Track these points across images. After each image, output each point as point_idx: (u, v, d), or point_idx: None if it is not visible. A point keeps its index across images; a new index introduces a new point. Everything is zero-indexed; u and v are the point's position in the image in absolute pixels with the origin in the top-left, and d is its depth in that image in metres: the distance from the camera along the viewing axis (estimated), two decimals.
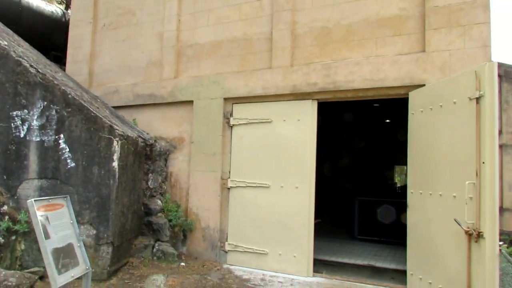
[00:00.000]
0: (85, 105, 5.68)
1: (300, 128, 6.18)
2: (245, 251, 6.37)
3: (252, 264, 6.29)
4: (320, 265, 6.45)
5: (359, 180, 14.75)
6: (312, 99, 6.21)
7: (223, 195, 6.68)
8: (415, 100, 5.26)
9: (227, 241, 6.57)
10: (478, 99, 4.05)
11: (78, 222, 5.38)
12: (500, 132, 11.07)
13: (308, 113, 6.17)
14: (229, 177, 6.67)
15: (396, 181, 23.98)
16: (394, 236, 7.66)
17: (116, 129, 5.63)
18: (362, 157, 17.36)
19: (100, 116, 5.67)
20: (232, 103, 6.84)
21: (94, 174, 5.53)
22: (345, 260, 6.57)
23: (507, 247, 8.48)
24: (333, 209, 11.22)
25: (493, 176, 3.86)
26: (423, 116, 5.02)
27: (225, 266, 6.37)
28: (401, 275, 5.82)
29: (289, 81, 6.29)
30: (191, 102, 7.12)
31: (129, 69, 7.99)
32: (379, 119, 15.25)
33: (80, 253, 3.41)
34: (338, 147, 14.12)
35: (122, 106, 7.78)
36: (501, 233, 11.16)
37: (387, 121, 15.65)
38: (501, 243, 3.92)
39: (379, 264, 6.34)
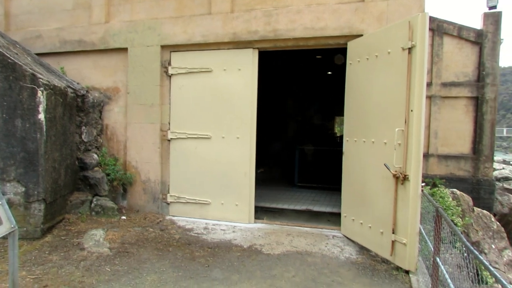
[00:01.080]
0: (0, 50, 5.07)
1: (241, 78, 6.06)
2: (187, 202, 6.38)
3: (195, 214, 6.35)
4: (261, 212, 6.68)
5: (301, 130, 15.17)
6: (253, 48, 6.06)
7: (163, 147, 6.52)
8: (353, 50, 5.33)
9: (169, 193, 6.52)
10: (410, 49, 4.18)
11: (3, 179, 5.00)
12: (430, 83, 11.75)
13: (249, 62, 6.05)
14: (169, 129, 6.49)
15: (336, 131, 25.06)
16: (332, 182, 8.08)
17: (40, 78, 5.13)
18: (304, 108, 17.76)
19: (20, 63, 5.11)
20: (170, 51, 6.49)
21: (18, 127, 5.08)
22: (285, 206, 6.86)
23: (430, 189, 9.37)
24: (276, 158, 11.51)
25: (419, 123, 4.10)
26: (360, 66, 5.12)
27: (167, 217, 6.37)
28: (336, 217, 6.22)
29: (229, 28, 6.05)
30: (125, 49, 6.65)
31: (52, 11, 7.18)
32: (321, 71, 15.49)
33: (3, 211, 3.16)
34: (281, 98, 14.24)
35: (47, 53, 7.07)
36: (426, 176, 12.24)
37: (329, 73, 15.96)
38: (423, 184, 4.27)
39: (316, 208, 6.70)
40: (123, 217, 6.16)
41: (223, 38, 6.09)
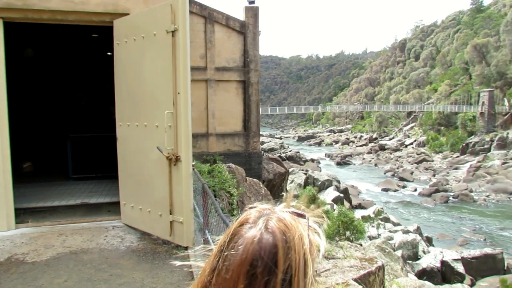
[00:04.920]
0: None
1: None
2: None
3: None
4: (26, 214, 5.68)
5: (80, 116, 13.73)
6: None
7: None
8: (120, 30, 5.04)
9: None
10: (174, 33, 4.24)
11: None
12: (206, 68, 12.59)
13: None
14: None
15: None
16: (112, 170, 7.62)
17: None
18: (84, 92, 16.12)
19: None
20: None
21: None
22: (56, 203, 6.05)
23: (210, 165, 10.13)
24: (48, 150, 10.05)
25: (186, 105, 4.26)
26: (128, 47, 4.90)
27: None
28: (117, 207, 5.90)
29: None
30: None
31: None
32: (100, 51, 14.30)
33: None
34: (51, 81, 12.42)
35: None
36: (207, 154, 13.17)
37: (109, 54, 14.92)
38: (194, 163, 4.50)
39: (93, 200, 6.21)
40: None
41: None
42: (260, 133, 16.24)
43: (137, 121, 4.82)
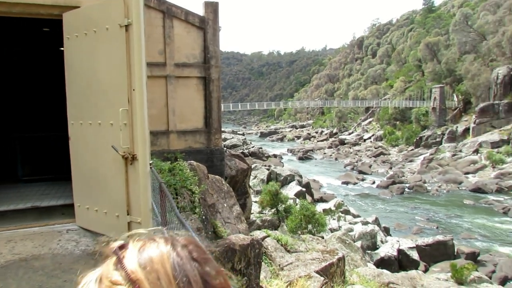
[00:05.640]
0: None
1: None
2: None
3: None
4: None
5: (29, 115, 12.99)
6: None
7: None
8: (70, 24, 4.79)
9: None
10: (127, 27, 4.09)
11: None
12: (165, 64, 12.31)
13: None
14: None
15: None
16: (65, 171, 7.28)
17: None
18: (34, 89, 15.28)
19: None
20: None
21: None
22: (4, 207, 5.69)
23: (171, 163, 9.95)
24: None
25: (142, 102, 4.13)
26: (79, 42, 4.67)
27: None
28: (72, 209, 5.65)
29: None
30: None
31: None
32: (53, 46, 13.57)
33: None
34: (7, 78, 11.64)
35: None
36: (168, 152, 12.93)
37: (62, 49, 14.19)
38: (151, 162, 4.38)
39: (45, 203, 5.90)
40: None
41: None
42: (223, 129, 16.14)
43: (90, 119, 4.62)
